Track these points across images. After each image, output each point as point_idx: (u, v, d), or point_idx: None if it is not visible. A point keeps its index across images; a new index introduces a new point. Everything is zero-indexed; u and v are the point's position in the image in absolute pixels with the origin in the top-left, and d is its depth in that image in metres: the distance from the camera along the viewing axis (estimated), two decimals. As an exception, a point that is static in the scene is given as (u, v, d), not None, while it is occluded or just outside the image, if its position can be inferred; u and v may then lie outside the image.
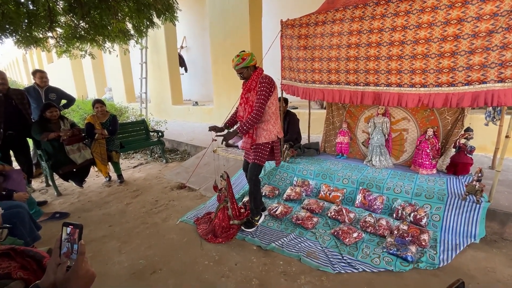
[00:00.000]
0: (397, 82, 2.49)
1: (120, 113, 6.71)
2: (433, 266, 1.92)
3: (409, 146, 3.23)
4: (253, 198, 2.45)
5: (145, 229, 2.58)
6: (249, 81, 2.23)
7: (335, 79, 2.88)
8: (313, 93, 3.10)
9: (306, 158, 3.64)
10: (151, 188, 3.63)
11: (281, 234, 2.38)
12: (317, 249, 2.15)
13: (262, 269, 1.96)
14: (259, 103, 2.15)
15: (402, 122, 3.21)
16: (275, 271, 1.94)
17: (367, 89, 2.68)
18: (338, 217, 2.52)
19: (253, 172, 2.35)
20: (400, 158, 3.31)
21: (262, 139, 2.29)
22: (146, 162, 4.95)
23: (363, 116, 3.50)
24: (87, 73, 12.49)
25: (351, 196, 2.82)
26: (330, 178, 3.02)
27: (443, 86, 2.27)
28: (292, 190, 3.00)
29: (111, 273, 2.00)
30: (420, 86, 2.38)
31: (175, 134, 6.05)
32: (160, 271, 1.99)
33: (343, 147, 3.62)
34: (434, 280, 1.80)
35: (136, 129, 4.85)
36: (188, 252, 2.20)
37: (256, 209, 2.49)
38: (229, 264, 2.03)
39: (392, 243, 2.10)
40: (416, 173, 2.98)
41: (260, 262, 2.04)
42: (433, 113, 2.99)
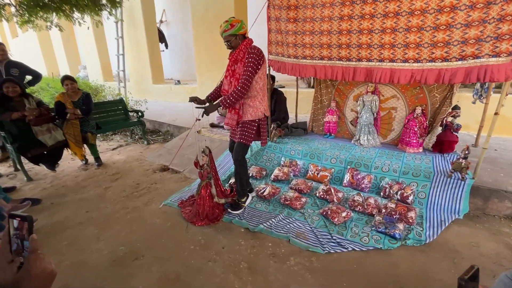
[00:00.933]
0: (390, 57, 2.38)
1: (96, 92, 6.32)
2: (420, 242, 1.94)
3: (397, 125, 3.21)
4: (238, 179, 2.36)
5: (126, 214, 2.47)
6: (237, 51, 2.05)
7: (327, 55, 2.73)
8: (303, 69, 2.94)
9: (293, 138, 3.59)
10: (131, 171, 3.47)
11: (269, 215, 2.34)
12: (306, 230, 2.12)
13: (250, 252, 1.91)
14: (246, 75, 1.99)
15: (391, 100, 3.17)
16: (264, 253, 1.90)
17: (360, 65, 2.57)
18: (326, 196, 2.50)
19: (239, 152, 2.25)
20: (387, 137, 3.31)
21: (248, 116, 2.16)
22: (126, 144, 4.76)
23: (352, 94, 3.43)
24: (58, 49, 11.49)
25: (339, 176, 2.81)
26: (318, 158, 2.99)
27: (436, 62, 2.18)
28: (280, 171, 2.95)
29: (90, 262, 1.88)
30: (413, 61, 2.28)
31: (157, 115, 5.82)
32: (142, 257, 1.90)
33: (331, 126, 3.57)
34: (422, 256, 1.82)
35: (113, 109, 4.58)
36: (173, 237, 2.11)
37: (242, 190, 2.42)
38: (216, 247, 1.97)
39: (381, 221, 2.10)
40: (403, 151, 2.99)
41: (248, 244, 1.99)
42: (423, 90, 2.95)
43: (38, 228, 2.28)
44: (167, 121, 5.28)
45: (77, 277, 1.76)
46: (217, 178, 2.36)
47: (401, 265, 1.75)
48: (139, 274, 1.75)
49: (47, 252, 1.98)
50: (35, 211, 2.54)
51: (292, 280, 1.66)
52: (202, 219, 2.27)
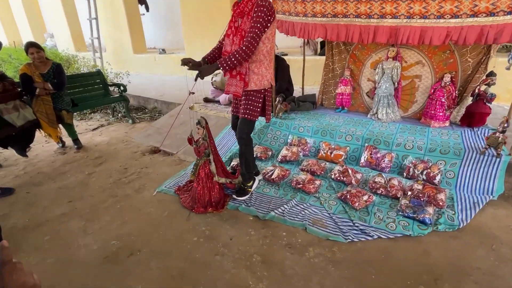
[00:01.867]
0: (421, 12, 2.19)
1: (68, 63, 5.99)
2: (452, 227, 1.89)
3: (421, 96, 3.11)
4: (244, 161, 2.27)
5: (115, 203, 2.37)
6: (244, 2, 1.84)
7: (342, 11, 2.52)
8: (313, 29, 2.74)
9: (301, 113, 3.50)
10: (117, 154, 3.35)
11: (280, 201, 2.29)
12: (324, 216, 2.07)
13: (263, 243, 1.85)
14: (253, 32, 1.80)
15: (415, 68, 3.04)
16: (278, 244, 1.84)
17: (382, 23, 2.38)
18: (343, 178, 2.45)
19: (244, 129, 2.12)
20: (409, 110, 3.22)
21: (252, 85, 2.02)
22: (108, 124, 4.60)
23: (369, 61, 3.28)
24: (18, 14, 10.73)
25: (355, 155, 2.76)
26: (331, 135, 2.92)
27: (479, 16, 2.01)
28: (288, 150, 2.88)
29: (78, 259, 1.79)
30: (450, 16, 2.11)
31: (141, 89, 5.61)
32: (138, 252, 1.82)
33: (345, 99, 3.46)
34: (456, 243, 1.78)
35: (90, 82, 4.37)
36: (171, 228, 2.03)
37: (248, 173, 2.33)
38: (222, 239, 1.90)
39: (407, 205, 2.05)
40: (427, 126, 2.93)
41: (260, 234, 1.93)
42: (453, 55, 2.80)
43: (13, 222, 2.16)
44: (154, 96, 5.11)
45: (65, 276, 1.68)
46: (216, 153, 2.25)
47: (434, 253, 1.71)
48: (137, 272, 1.67)
49: (27, 249, 1.88)
50: (7, 203, 2.41)
51: (313, 273, 1.60)
52: (204, 206, 2.18)
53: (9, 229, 2.07)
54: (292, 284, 1.55)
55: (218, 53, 2.12)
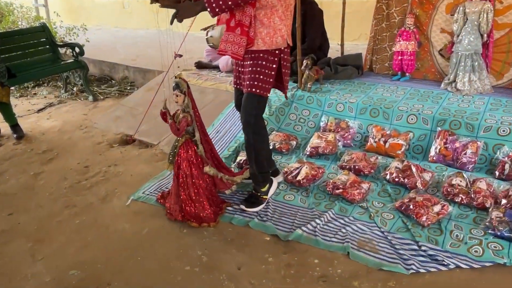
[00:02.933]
0: None
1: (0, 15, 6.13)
2: None
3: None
4: (254, 155, 2.30)
5: (73, 216, 2.45)
6: None
7: None
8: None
9: (340, 83, 3.56)
10: (74, 146, 3.46)
11: (310, 213, 2.32)
12: (375, 236, 2.08)
13: (285, 274, 1.87)
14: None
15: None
16: (309, 276, 1.85)
17: None
18: (404, 180, 2.46)
19: (251, 109, 2.16)
20: (504, 76, 3.23)
21: (260, 43, 2.05)
22: (59, 102, 4.71)
23: (444, 1, 3.28)
24: None
25: (422, 145, 2.80)
26: (385, 116, 2.96)
27: None
28: (321, 139, 2.91)
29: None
30: None
31: (105, 51, 5.75)
32: (108, 287, 1.87)
33: (406, 61, 3.47)
34: None
35: (32, 43, 4.51)
36: (154, 252, 2.08)
37: (261, 174, 2.37)
38: (227, 268, 1.94)
39: (501, 219, 2.03)
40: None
41: (281, 262, 1.95)
42: None
43: None
44: (123, 61, 5.21)
45: (7, 320, 1.76)
46: (204, 131, 2.29)
47: (542, 291, 1.69)
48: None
49: (-46, 281, 1.97)
50: None
51: (360, 319, 1.62)
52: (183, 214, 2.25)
53: None
54: (328, 334, 1.58)
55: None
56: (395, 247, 1.97)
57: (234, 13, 2.04)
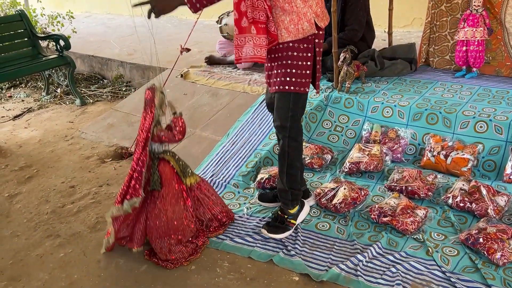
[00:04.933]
0: None
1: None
2: None
3: None
4: (286, 166, 2.33)
5: (56, 248, 2.49)
6: None
7: None
8: None
9: (388, 81, 3.57)
10: (57, 161, 3.52)
11: (350, 247, 2.32)
12: (434, 277, 2.05)
13: (319, 328, 1.86)
14: None
15: None
16: (349, 328, 1.84)
17: None
18: (471, 205, 2.44)
19: (287, 112, 2.20)
20: None
21: (284, 34, 2.09)
22: (39, 107, 4.80)
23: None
24: None
25: (495, 160, 2.78)
26: (446, 123, 2.96)
27: None
28: (364, 152, 2.92)
29: None
30: None
31: (95, 44, 5.85)
32: None
33: (473, 53, 3.44)
34: None
35: (8, 34, 4.61)
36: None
37: (292, 191, 2.38)
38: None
39: None
40: None
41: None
42: None
43: None
44: (118, 56, 5.27)
45: None
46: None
47: None
48: None
49: None
50: None
51: None
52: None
53: None
54: None
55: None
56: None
57: (245, 11, 2.07)
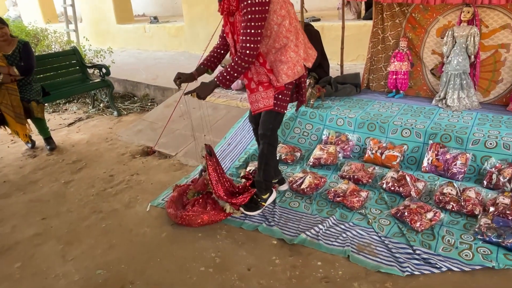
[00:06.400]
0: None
1: (36, 39, 6.28)
2: (555, 257, 1.83)
3: (508, 73, 3.07)
4: (264, 165, 2.32)
5: (99, 220, 2.46)
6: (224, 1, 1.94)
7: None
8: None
9: (340, 100, 3.53)
10: (100, 157, 3.48)
11: (313, 219, 2.30)
12: (373, 240, 2.07)
13: (291, 276, 1.87)
14: (247, 34, 1.87)
15: (501, 34, 2.99)
16: (312, 277, 1.85)
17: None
18: (399, 188, 2.44)
19: (269, 125, 2.18)
20: (490, 93, 3.19)
21: (284, 78, 2.07)
22: (87, 117, 4.76)
23: (434, 26, 3.26)
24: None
25: (415, 156, 2.77)
26: (381, 130, 2.93)
27: None
28: (323, 151, 2.90)
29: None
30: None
31: (128, 71, 5.79)
32: (131, 285, 1.88)
33: (400, 80, 3.46)
34: (560, 279, 1.71)
35: (64, 64, 4.56)
36: (172, 254, 2.09)
37: (266, 182, 2.38)
38: (238, 269, 1.94)
39: (490, 225, 2.01)
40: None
41: (287, 264, 1.95)
42: (556, 15, 2.68)
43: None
44: (145, 80, 5.24)
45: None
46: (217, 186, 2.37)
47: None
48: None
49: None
50: (-31, 219, 2.56)
51: (360, 317, 1.61)
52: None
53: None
54: (331, 331, 1.56)
55: (220, 54, 2.25)
56: (391, 251, 1.96)
57: (251, 77, 2.10)
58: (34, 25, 7.02)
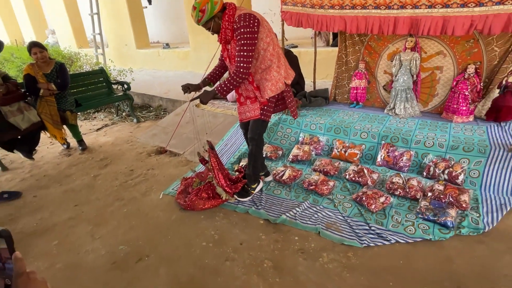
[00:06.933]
0: (443, 1, 2.15)
1: (71, 61, 6.13)
2: (477, 231, 1.87)
3: (442, 89, 3.06)
4: (252, 162, 2.32)
5: (122, 206, 2.43)
6: (223, 32, 1.95)
7: (361, 2, 2.52)
8: (331, 22, 2.74)
9: (313, 109, 3.50)
10: (122, 155, 3.43)
11: (291, 203, 2.30)
12: (338, 219, 2.07)
13: (274, 248, 1.87)
14: (241, 56, 1.88)
15: (436, 58, 2.98)
16: (290, 249, 1.85)
17: (402, 14, 2.36)
18: (358, 179, 2.44)
19: (256, 130, 2.18)
20: (429, 104, 3.18)
21: (269, 92, 2.07)
22: (112, 123, 4.70)
23: (386, 52, 3.24)
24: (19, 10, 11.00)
25: (371, 153, 2.75)
26: (345, 133, 2.92)
27: (506, 4, 1.96)
28: (300, 149, 2.89)
29: (86, 265, 1.86)
30: (475, 5, 2.06)
31: (145, 86, 5.71)
32: (147, 258, 1.87)
33: (359, 93, 3.44)
34: (481, 248, 1.75)
35: (93, 81, 4.49)
36: (180, 233, 2.07)
37: (254, 175, 2.38)
38: (232, 244, 1.93)
39: (428, 207, 2.03)
40: (450, 121, 2.89)
41: (271, 239, 1.95)
42: (478, 44, 2.73)
43: (22, 227, 2.25)
44: (158, 93, 5.18)
45: (73, 282, 1.74)
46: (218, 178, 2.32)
47: (457, 259, 1.69)
48: (145, 278, 1.73)
49: (36, 254, 1.96)
50: (15, 207, 2.51)
51: (328, 280, 1.62)
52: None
53: (18, 234, 2.16)
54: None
55: (220, 71, 2.24)
56: (352, 228, 1.97)
57: (241, 93, 2.12)
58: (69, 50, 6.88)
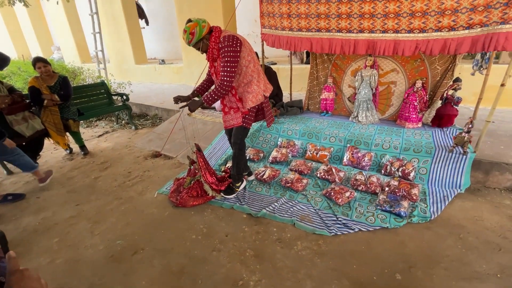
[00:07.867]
0: (394, 27, 2.23)
1: (74, 75, 5.89)
2: (425, 219, 1.93)
3: (396, 100, 3.14)
4: (236, 163, 2.30)
5: (120, 205, 2.35)
6: (210, 51, 1.95)
7: (325, 26, 2.55)
8: (299, 42, 2.76)
9: (289, 117, 3.50)
10: (121, 159, 3.32)
11: (271, 199, 2.29)
12: (311, 212, 2.08)
13: (255, 238, 1.85)
14: (224, 71, 1.88)
15: (391, 74, 3.07)
16: (270, 239, 1.84)
17: (361, 37, 2.41)
18: (328, 177, 2.46)
19: (238, 135, 2.16)
20: (386, 112, 3.26)
21: (250, 103, 2.07)
22: (112, 130, 4.55)
23: (349, 69, 3.30)
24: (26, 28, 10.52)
25: (339, 155, 2.78)
26: (316, 137, 2.94)
27: (443, 31, 2.06)
28: (278, 152, 2.88)
29: (85, 259, 1.78)
30: (419, 31, 2.15)
31: (143, 97, 5.57)
32: (142, 251, 1.81)
33: (328, 104, 3.48)
34: (428, 233, 1.81)
35: (95, 92, 4.33)
36: (172, 227, 2.02)
37: (238, 175, 2.36)
38: (219, 236, 1.90)
39: (385, 199, 2.07)
40: (402, 127, 2.97)
41: (253, 231, 1.93)
42: (424, 63, 2.84)
43: (25, 225, 2.13)
44: (154, 103, 5.07)
45: (73, 275, 1.66)
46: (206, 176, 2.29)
47: (409, 243, 1.74)
48: (140, 269, 1.67)
49: (37, 251, 1.86)
50: (19, 208, 2.37)
51: (301, 265, 1.62)
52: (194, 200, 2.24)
53: (21, 233, 2.04)
54: (282, 275, 1.56)
55: (207, 85, 2.22)
56: (322, 219, 1.98)
57: (225, 104, 2.11)
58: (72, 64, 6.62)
